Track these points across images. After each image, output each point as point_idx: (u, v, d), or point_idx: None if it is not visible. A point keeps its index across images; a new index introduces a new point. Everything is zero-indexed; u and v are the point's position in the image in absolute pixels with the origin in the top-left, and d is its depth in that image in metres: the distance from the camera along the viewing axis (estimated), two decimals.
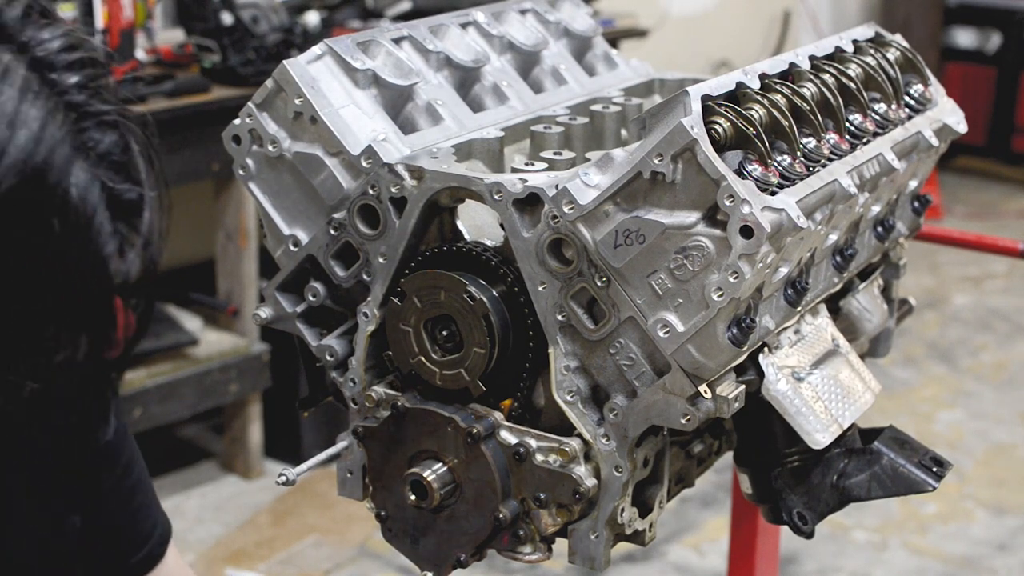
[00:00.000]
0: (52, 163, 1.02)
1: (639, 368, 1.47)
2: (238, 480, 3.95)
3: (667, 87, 2.04)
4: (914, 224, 1.92)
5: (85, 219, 1.04)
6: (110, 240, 1.06)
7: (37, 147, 1.02)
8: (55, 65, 1.07)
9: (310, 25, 3.82)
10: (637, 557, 3.55)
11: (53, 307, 1.06)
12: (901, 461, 1.61)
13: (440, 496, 1.54)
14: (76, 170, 1.04)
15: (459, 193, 1.53)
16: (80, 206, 1.04)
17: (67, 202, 1.03)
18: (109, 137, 1.08)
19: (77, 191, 1.03)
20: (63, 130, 1.04)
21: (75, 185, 1.03)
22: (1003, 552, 3.66)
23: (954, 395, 4.62)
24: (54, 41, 1.08)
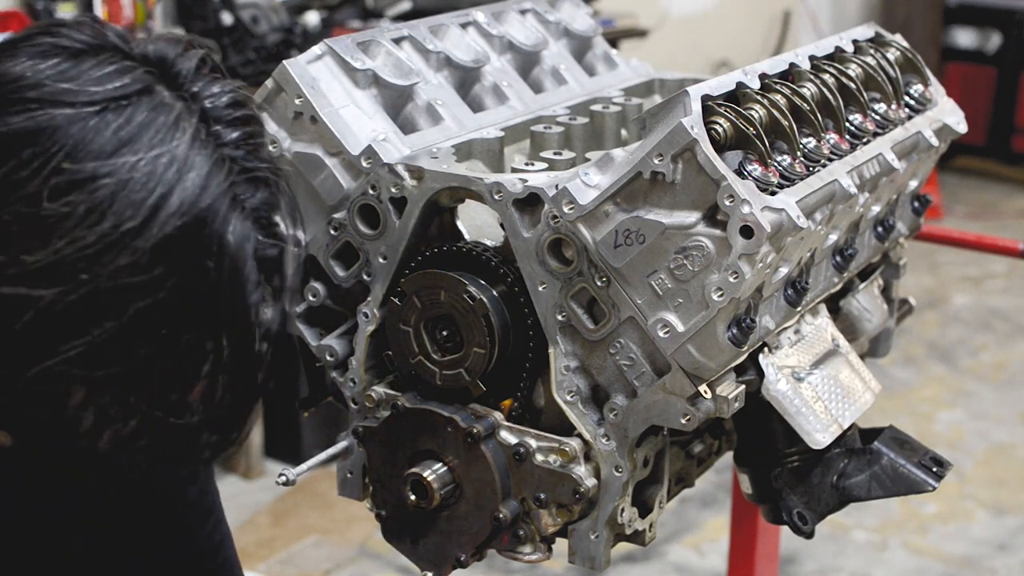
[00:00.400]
0: (215, 210, 1.08)
1: (639, 368, 1.47)
2: (238, 480, 3.95)
3: (667, 87, 2.04)
4: (914, 224, 1.92)
5: (238, 267, 1.10)
6: (255, 291, 1.12)
7: (202, 194, 1.08)
8: (220, 119, 1.13)
9: (310, 25, 3.82)
10: (637, 557, 3.55)
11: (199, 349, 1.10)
12: (901, 461, 1.61)
13: (440, 496, 1.54)
14: (235, 221, 1.10)
15: (459, 193, 1.53)
16: (236, 254, 1.09)
17: (223, 249, 1.09)
18: (260, 194, 1.13)
19: (234, 239, 1.09)
20: (227, 182, 1.10)
21: (232, 234, 1.09)
22: (1003, 552, 3.66)
23: (954, 395, 4.62)
24: (223, 96, 1.14)
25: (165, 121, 1.09)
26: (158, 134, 1.08)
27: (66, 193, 1.05)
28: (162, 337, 1.08)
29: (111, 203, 1.05)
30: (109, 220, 1.05)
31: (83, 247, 1.04)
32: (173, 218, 1.06)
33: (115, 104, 1.08)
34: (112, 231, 1.05)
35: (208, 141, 1.11)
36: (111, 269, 1.05)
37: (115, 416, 1.11)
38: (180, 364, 1.10)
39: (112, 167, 1.06)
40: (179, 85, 1.13)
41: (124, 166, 1.06)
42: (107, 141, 1.06)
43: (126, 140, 1.07)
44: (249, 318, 1.12)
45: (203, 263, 1.08)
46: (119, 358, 1.08)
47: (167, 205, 1.06)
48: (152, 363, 1.09)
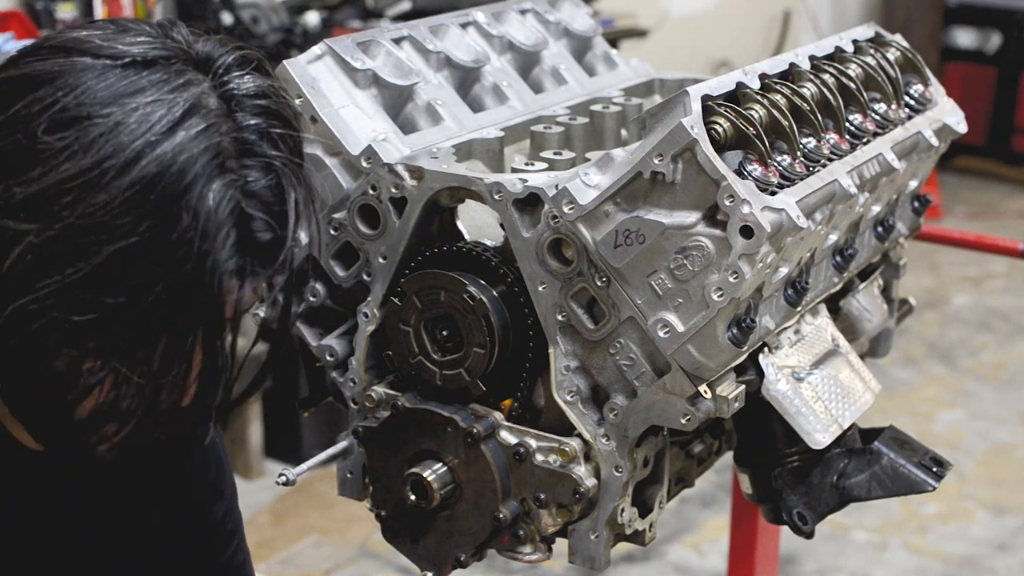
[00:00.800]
0: (197, 165, 1.10)
1: (639, 368, 1.47)
2: (238, 480, 3.94)
3: (667, 87, 2.04)
4: (914, 224, 1.92)
5: (212, 225, 1.10)
6: (230, 258, 1.12)
7: (189, 146, 1.10)
8: (242, 104, 1.16)
9: (310, 25, 3.82)
10: (637, 557, 3.55)
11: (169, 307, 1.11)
12: (901, 461, 1.61)
13: (440, 496, 1.54)
14: (218, 182, 1.11)
15: (459, 193, 1.53)
16: (211, 211, 1.10)
17: (200, 204, 1.10)
18: (267, 180, 1.15)
19: (213, 198, 1.10)
20: (219, 147, 1.12)
21: (213, 192, 1.11)
22: (1003, 552, 3.66)
23: (954, 395, 4.62)
24: (250, 85, 1.17)
25: (175, 82, 1.13)
26: (162, 90, 1.12)
27: (61, 128, 1.09)
28: (133, 287, 1.09)
29: (98, 142, 1.08)
30: (92, 156, 1.08)
31: (64, 180, 1.07)
32: (154, 163, 1.08)
33: (135, 63, 1.13)
34: (93, 167, 1.08)
35: (216, 111, 1.13)
36: (87, 206, 1.07)
37: (89, 368, 1.13)
38: (149, 320, 1.11)
39: (110, 111, 1.10)
40: (213, 72, 1.16)
41: (120, 110, 1.10)
42: (114, 89, 1.11)
43: (131, 91, 1.11)
44: (220, 284, 1.12)
45: (177, 213, 1.09)
46: (92, 304, 1.09)
47: (152, 152, 1.09)
48: (123, 313, 1.10)
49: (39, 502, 1.35)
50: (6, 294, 1.09)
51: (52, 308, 1.09)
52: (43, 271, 1.08)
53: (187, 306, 1.12)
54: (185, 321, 1.13)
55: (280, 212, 1.15)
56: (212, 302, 1.13)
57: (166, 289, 1.10)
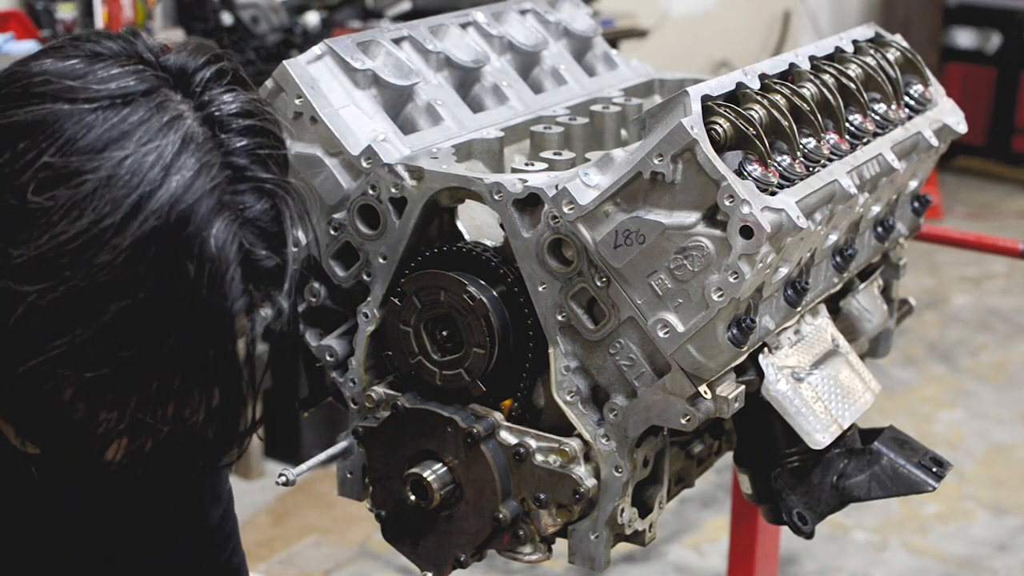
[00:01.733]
0: (196, 212, 1.07)
1: (639, 368, 1.47)
2: (238, 480, 3.94)
3: (667, 87, 2.04)
4: (914, 224, 1.92)
5: (219, 271, 1.08)
6: (240, 297, 1.11)
7: (185, 195, 1.07)
8: (227, 126, 1.12)
9: (310, 25, 3.82)
10: (637, 557, 3.55)
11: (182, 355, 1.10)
12: (901, 461, 1.61)
13: (440, 496, 1.54)
14: (219, 223, 1.08)
15: (459, 193, 1.53)
16: (216, 257, 1.08)
17: (204, 251, 1.07)
18: (262, 204, 1.13)
19: (216, 243, 1.08)
20: (214, 184, 1.09)
21: (215, 237, 1.08)
22: (1003, 552, 3.65)
23: (954, 395, 4.62)
24: (232, 104, 1.13)
25: (159, 121, 1.08)
26: (148, 133, 1.07)
27: (52, 187, 1.05)
28: (144, 340, 1.07)
29: (93, 199, 1.04)
30: (89, 216, 1.04)
31: (63, 243, 1.04)
32: (153, 217, 1.05)
33: (114, 103, 1.08)
34: (91, 227, 1.04)
35: (204, 145, 1.10)
36: (91, 267, 1.05)
37: (106, 419, 1.11)
38: (165, 369, 1.10)
39: (99, 163, 1.05)
40: (191, 92, 1.13)
41: (110, 162, 1.05)
42: (98, 137, 1.06)
43: (116, 137, 1.06)
44: (230, 324, 1.11)
45: (182, 264, 1.07)
46: (103, 360, 1.07)
47: (149, 204, 1.05)
48: (136, 366, 1.08)
49: (38, 503, 1.34)
50: (15, 355, 1.08)
51: (63, 366, 1.07)
52: (50, 331, 1.06)
53: (201, 350, 1.11)
54: (200, 364, 1.11)
55: (278, 234, 1.14)
56: (225, 342, 1.12)
57: (178, 337, 1.09)
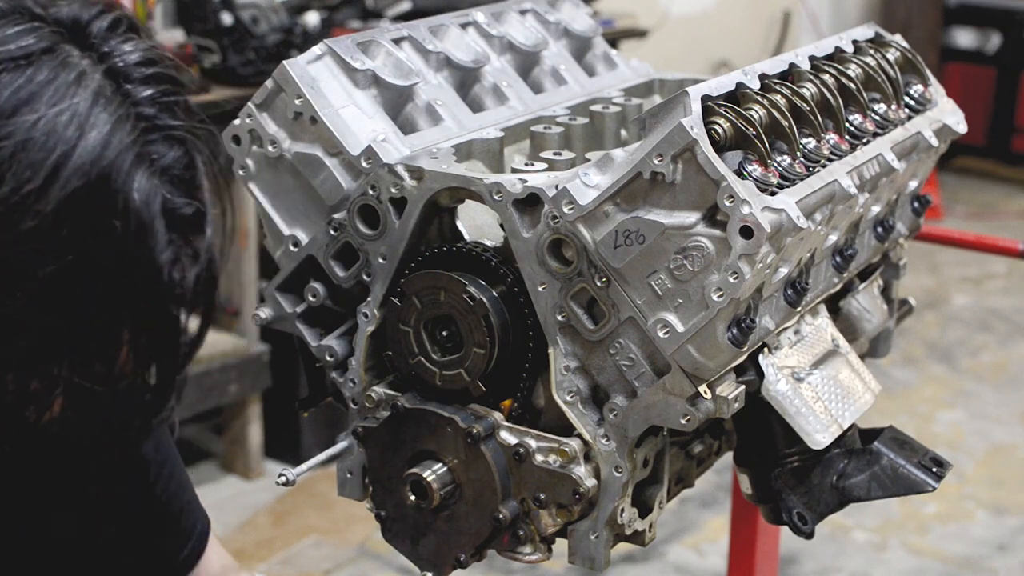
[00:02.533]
0: (117, 168, 1.05)
1: (639, 368, 1.47)
2: (238, 480, 3.95)
3: (667, 87, 2.04)
4: (914, 224, 1.92)
5: (145, 225, 1.07)
6: (166, 249, 1.09)
7: (104, 151, 1.05)
8: (130, 77, 1.10)
9: (310, 25, 3.82)
10: (637, 557, 3.55)
11: (110, 310, 1.08)
12: (901, 461, 1.61)
13: (440, 496, 1.54)
14: (139, 177, 1.07)
15: (459, 193, 1.53)
16: (141, 211, 1.06)
17: (128, 207, 1.06)
18: (174, 152, 1.11)
19: (139, 196, 1.06)
20: (130, 138, 1.07)
21: (137, 191, 1.06)
22: (1003, 552, 3.66)
23: (954, 395, 4.62)
24: (133, 54, 1.11)
25: (66, 79, 1.06)
26: (58, 92, 1.05)
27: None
28: (75, 303, 1.06)
29: (11, 165, 1.02)
30: (9, 183, 1.02)
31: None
32: (74, 177, 1.03)
33: (15, 64, 1.05)
34: (12, 194, 1.02)
35: (114, 98, 1.08)
36: (16, 234, 1.02)
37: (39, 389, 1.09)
38: (98, 330, 1.08)
39: (11, 128, 1.03)
40: (89, 45, 1.10)
41: (23, 126, 1.03)
42: (6, 101, 1.04)
43: (25, 99, 1.04)
44: (160, 276, 1.09)
45: (108, 222, 1.05)
46: (35, 327, 1.05)
47: (68, 164, 1.03)
48: (69, 331, 1.07)
49: None
50: None
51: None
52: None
53: (132, 306, 1.09)
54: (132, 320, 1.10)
55: (193, 179, 1.12)
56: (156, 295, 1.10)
57: (108, 297, 1.07)
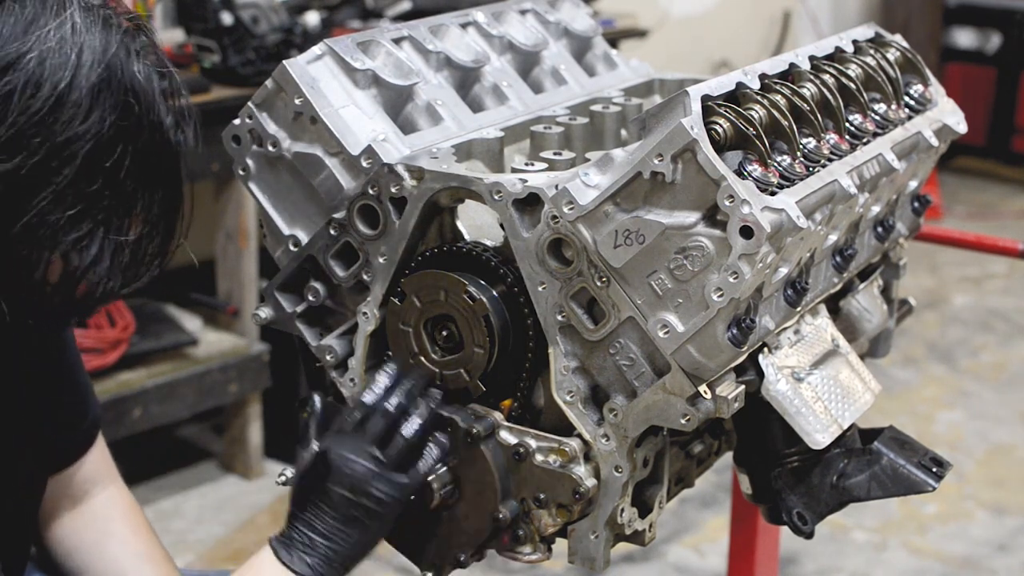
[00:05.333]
0: (120, 58, 1.30)
1: (639, 368, 1.47)
2: (238, 480, 3.94)
3: (667, 87, 2.04)
4: (914, 224, 1.92)
5: (151, 99, 1.32)
6: (167, 115, 1.35)
7: (107, 47, 1.30)
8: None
9: (310, 25, 3.81)
10: (637, 557, 3.55)
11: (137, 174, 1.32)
12: (901, 461, 1.61)
13: (440, 496, 1.54)
14: (134, 63, 1.32)
15: (459, 193, 1.53)
16: (146, 90, 1.32)
17: (136, 87, 1.31)
18: (139, 37, 1.35)
19: (142, 78, 1.32)
20: (118, 35, 1.31)
21: (139, 73, 1.31)
22: (1003, 552, 3.65)
23: (954, 395, 4.62)
24: None
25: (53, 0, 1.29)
26: (52, 10, 1.28)
27: (2, 75, 1.24)
28: (107, 170, 1.29)
29: (41, 71, 1.25)
30: (46, 85, 1.25)
31: (33, 113, 1.24)
32: (93, 69, 1.28)
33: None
34: (51, 92, 1.25)
35: (91, 7, 1.31)
36: (60, 124, 1.26)
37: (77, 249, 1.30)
38: (125, 190, 1.31)
39: (30, 43, 1.26)
40: None
41: (39, 39, 1.26)
42: (15, 25, 1.26)
43: (31, 19, 1.27)
44: (169, 139, 1.35)
45: (126, 100, 1.30)
46: (78, 197, 1.28)
47: (83, 60, 1.27)
48: (103, 194, 1.29)
49: None
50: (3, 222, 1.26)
51: (48, 214, 1.26)
52: (34, 189, 1.26)
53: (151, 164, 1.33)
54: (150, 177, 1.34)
55: (157, 55, 1.36)
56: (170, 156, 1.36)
57: (132, 161, 1.30)
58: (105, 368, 3.37)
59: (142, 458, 3.85)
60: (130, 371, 3.50)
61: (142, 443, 3.64)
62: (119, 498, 1.75)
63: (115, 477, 1.77)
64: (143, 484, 3.79)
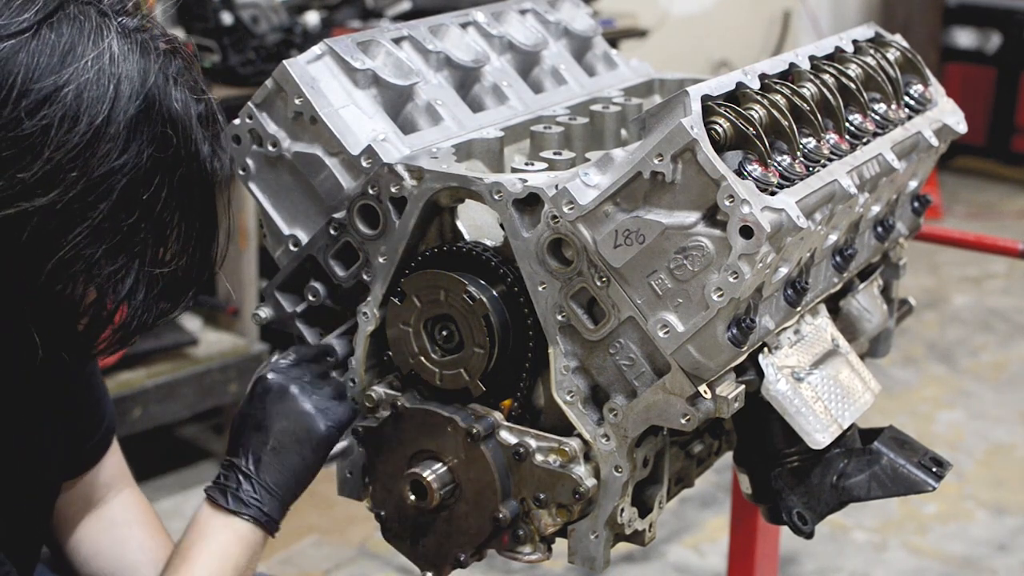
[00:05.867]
0: (158, 87, 1.28)
1: (639, 368, 1.47)
2: None
3: (667, 87, 2.04)
4: (914, 224, 1.92)
5: (188, 129, 1.30)
6: (205, 143, 1.33)
7: (145, 77, 1.27)
8: (119, 11, 1.30)
9: (310, 25, 3.81)
10: (637, 557, 3.55)
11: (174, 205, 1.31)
12: (901, 461, 1.61)
13: (440, 496, 1.54)
14: (172, 91, 1.29)
15: (459, 193, 1.53)
16: (183, 118, 1.30)
17: (174, 117, 1.29)
18: (175, 62, 1.32)
19: (180, 107, 1.29)
20: (156, 62, 1.29)
21: (177, 102, 1.29)
22: (1003, 552, 3.65)
23: (954, 395, 4.62)
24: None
25: (91, 27, 1.26)
26: (90, 39, 1.25)
27: (39, 109, 1.21)
28: (144, 203, 1.27)
29: (79, 104, 1.23)
30: (84, 119, 1.23)
31: (70, 148, 1.22)
32: (131, 101, 1.25)
33: (43, 25, 1.24)
34: (88, 127, 1.23)
35: (129, 34, 1.29)
36: (97, 159, 1.23)
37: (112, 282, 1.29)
38: (161, 222, 1.30)
39: (68, 75, 1.23)
40: None
41: (76, 71, 1.23)
42: (51, 56, 1.23)
43: (68, 50, 1.24)
44: (206, 169, 1.33)
45: (164, 132, 1.28)
46: (115, 230, 1.26)
47: (121, 93, 1.25)
48: (140, 227, 1.28)
49: None
50: (37, 259, 1.24)
51: (84, 249, 1.25)
52: (70, 224, 1.24)
53: (189, 196, 1.32)
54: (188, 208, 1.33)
55: (195, 80, 1.33)
56: (206, 186, 1.34)
57: (169, 193, 1.29)
58: (105, 368, 3.38)
59: (142, 458, 3.85)
60: (130, 371, 3.50)
61: (142, 443, 3.64)
62: (134, 502, 1.75)
63: (129, 480, 1.77)
64: (143, 484, 3.77)
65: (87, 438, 1.67)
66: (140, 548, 1.70)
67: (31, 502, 1.57)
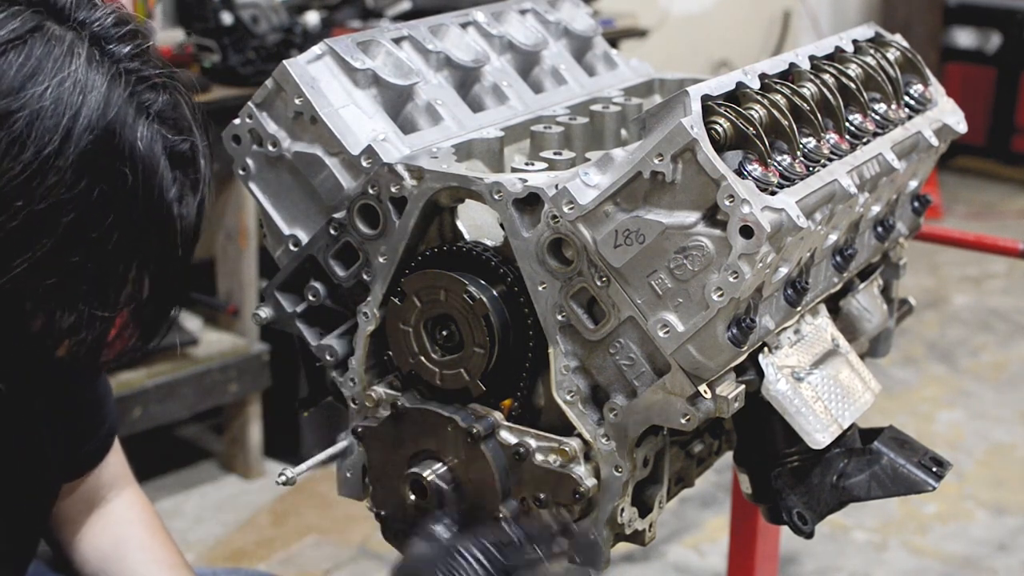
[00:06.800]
0: (120, 120, 1.21)
1: (639, 368, 1.47)
2: (238, 480, 3.95)
3: (667, 87, 2.04)
4: (914, 224, 1.92)
5: (152, 168, 1.23)
6: (172, 187, 1.25)
7: (107, 108, 1.20)
8: (110, 38, 1.25)
9: (310, 25, 3.81)
10: (637, 557, 3.55)
11: (127, 248, 1.23)
12: (901, 461, 1.61)
13: (440, 496, 1.54)
14: (140, 126, 1.22)
15: (459, 193, 1.53)
16: (147, 156, 1.22)
17: (135, 153, 1.21)
18: (162, 97, 1.26)
19: (143, 143, 1.22)
20: (126, 92, 1.22)
21: (140, 138, 1.22)
22: (1003, 552, 3.65)
23: (954, 395, 4.62)
24: (107, 18, 1.26)
25: (60, 51, 1.20)
26: (56, 63, 1.19)
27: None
28: (93, 242, 1.21)
29: (29, 133, 1.16)
30: (31, 148, 1.16)
31: (13, 177, 1.16)
32: (85, 134, 1.18)
33: (12, 46, 1.18)
34: (35, 157, 1.16)
35: (103, 60, 1.23)
36: (42, 191, 1.17)
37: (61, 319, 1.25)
38: (111, 264, 1.24)
39: (23, 100, 1.17)
40: (65, 17, 1.23)
41: (33, 97, 1.17)
42: (13, 79, 1.17)
43: (29, 74, 1.18)
44: (170, 213, 1.26)
45: (120, 169, 1.20)
46: (59, 267, 1.20)
47: (77, 124, 1.18)
48: (86, 267, 1.22)
49: None
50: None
51: (24, 281, 1.19)
52: (11, 254, 1.18)
53: (144, 241, 1.25)
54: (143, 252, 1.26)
55: (181, 118, 1.28)
56: (166, 230, 1.27)
57: (122, 234, 1.22)
58: None
59: (142, 458, 3.84)
60: (130, 371, 3.50)
61: (142, 443, 3.64)
62: (136, 502, 1.75)
63: (131, 480, 1.77)
64: (143, 484, 3.77)
65: (88, 440, 1.67)
66: (141, 548, 1.70)
67: (29, 502, 1.56)
